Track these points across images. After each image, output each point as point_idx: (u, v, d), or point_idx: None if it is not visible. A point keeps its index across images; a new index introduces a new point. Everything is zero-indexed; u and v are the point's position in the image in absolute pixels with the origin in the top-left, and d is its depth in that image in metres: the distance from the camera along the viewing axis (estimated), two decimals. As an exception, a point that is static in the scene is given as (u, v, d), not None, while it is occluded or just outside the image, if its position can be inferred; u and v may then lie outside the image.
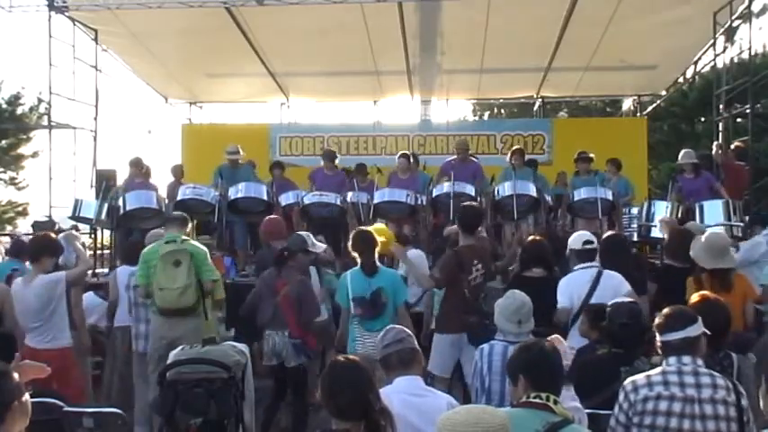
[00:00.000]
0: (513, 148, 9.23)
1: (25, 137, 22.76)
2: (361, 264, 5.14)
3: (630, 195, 9.22)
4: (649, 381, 3.00)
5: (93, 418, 3.67)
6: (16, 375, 2.11)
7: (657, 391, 2.96)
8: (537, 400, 2.64)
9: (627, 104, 17.04)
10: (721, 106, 11.22)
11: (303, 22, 10.77)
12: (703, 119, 19.56)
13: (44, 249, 5.27)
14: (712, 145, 10.21)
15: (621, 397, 3.04)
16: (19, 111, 22.64)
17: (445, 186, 8.17)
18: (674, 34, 11.23)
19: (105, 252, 9.89)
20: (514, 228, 8.17)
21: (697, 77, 15.52)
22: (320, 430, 2.92)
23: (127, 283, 5.98)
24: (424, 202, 8.42)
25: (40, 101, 21.72)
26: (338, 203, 8.30)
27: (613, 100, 20.00)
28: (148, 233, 6.61)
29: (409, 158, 9.11)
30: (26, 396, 2.10)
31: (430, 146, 13.80)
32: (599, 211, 8.10)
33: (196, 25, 10.95)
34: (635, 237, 8.18)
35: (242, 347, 4.65)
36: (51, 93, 11.19)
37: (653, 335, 3.16)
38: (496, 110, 24.89)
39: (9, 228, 20.86)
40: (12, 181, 23.21)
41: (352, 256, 5.34)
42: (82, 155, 11.66)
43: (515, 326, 3.89)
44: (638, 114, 15.33)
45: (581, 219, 8.52)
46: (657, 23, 10.83)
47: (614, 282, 4.74)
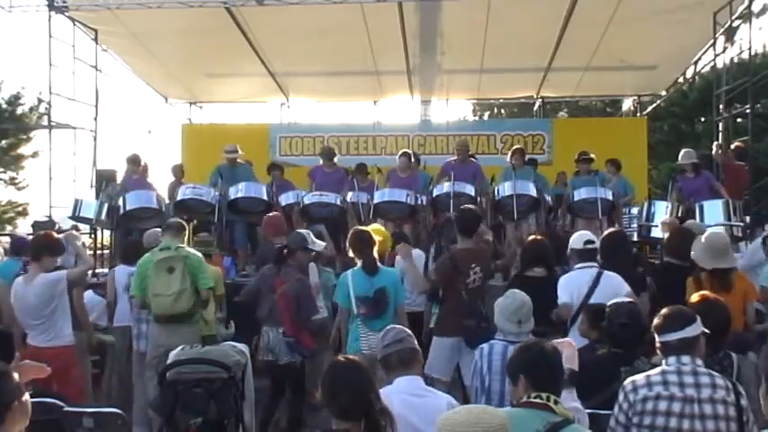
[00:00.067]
0: (514, 148, 9.22)
1: (25, 137, 22.76)
2: (362, 263, 5.15)
3: (630, 196, 9.21)
4: (649, 381, 3.00)
5: (93, 418, 3.67)
6: (16, 375, 2.11)
7: (657, 391, 2.95)
8: (537, 400, 2.64)
9: (627, 104, 17.05)
10: (721, 106, 11.21)
11: (303, 22, 10.76)
12: (703, 119, 19.57)
13: (45, 249, 5.28)
14: (712, 145, 10.21)
15: (621, 397, 3.04)
16: (19, 111, 22.63)
17: (445, 186, 8.17)
18: (674, 34, 11.23)
19: (105, 252, 9.89)
20: (514, 227, 8.17)
21: (697, 77, 15.51)
22: (320, 430, 2.92)
23: (126, 283, 5.98)
24: (424, 202, 8.42)
25: (40, 101, 21.74)
26: (338, 203, 8.30)
27: (613, 100, 20.01)
28: (146, 233, 6.62)
29: (410, 157, 9.10)
30: (26, 396, 2.11)
31: (430, 146, 13.79)
32: (599, 211, 8.11)
33: (196, 25, 10.95)
34: (635, 237, 8.18)
35: (242, 347, 4.66)
36: (51, 93, 11.17)
37: (653, 335, 3.16)
38: (496, 110, 24.89)
39: (9, 228, 20.86)
40: (12, 181, 23.21)
41: (350, 256, 5.35)
42: (82, 155, 11.67)
43: (515, 326, 3.89)
44: (638, 114, 15.33)
45: (581, 219, 8.54)
46: (657, 23, 10.83)
47: (614, 282, 4.74)
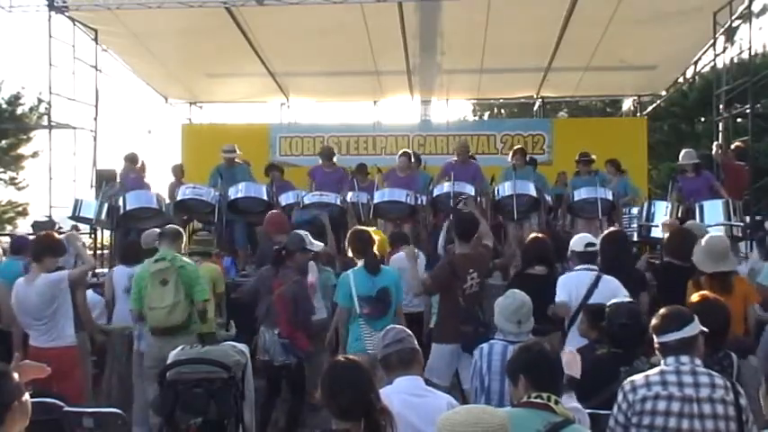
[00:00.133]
0: (515, 148, 9.20)
1: (25, 137, 22.77)
2: (364, 262, 5.13)
3: (630, 196, 9.21)
4: (648, 381, 3.00)
5: (93, 418, 3.67)
6: (16, 375, 2.11)
7: (656, 391, 2.95)
8: (538, 401, 2.64)
9: (627, 104, 17.05)
10: (721, 106, 11.20)
11: (303, 22, 10.75)
12: (703, 119, 19.58)
13: (47, 249, 5.26)
14: (712, 145, 10.20)
15: (620, 397, 3.04)
16: (19, 111, 22.64)
17: (445, 186, 8.17)
18: (674, 34, 11.22)
19: (105, 252, 9.89)
20: (516, 227, 8.17)
21: (697, 77, 15.51)
22: (320, 430, 2.92)
23: (126, 286, 5.94)
24: (424, 202, 8.42)
25: (40, 101, 21.76)
26: (338, 203, 8.29)
27: (613, 100, 20.01)
28: (144, 233, 6.61)
29: (410, 157, 9.09)
30: (26, 396, 2.11)
31: (430, 146, 13.80)
32: (599, 211, 8.11)
33: (196, 25, 10.95)
34: (635, 237, 8.18)
35: (242, 347, 4.65)
36: (51, 93, 11.17)
37: (652, 335, 3.16)
38: (496, 110, 24.90)
39: (9, 228, 20.87)
40: (12, 181, 23.22)
41: (350, 256, 5.34)
42: (82, 155, 11.66)
43: (515, 326, 3.89)
44: (638, 114, 15.32)
45: (581, 219, 8.54)
46: (657, 23, 10.82)
47: (612, 286, 4.73)
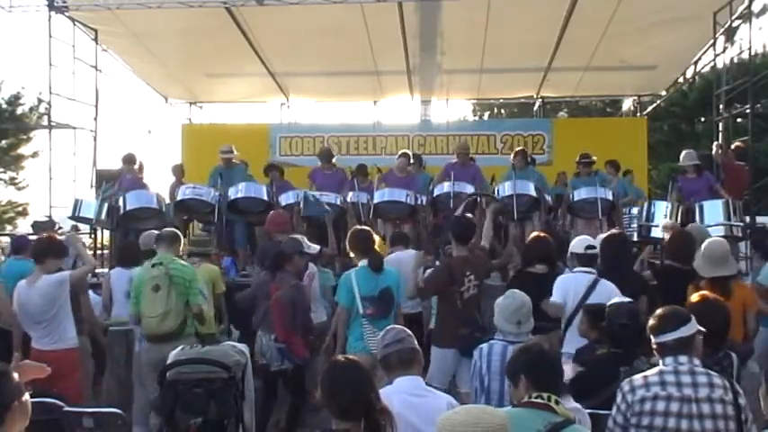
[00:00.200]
0: (516, 150, 9.18)
1: (25, 137, 22.78)
2: (368, 262, 5.13)
3: (631, 197, 9.21)
4: (646, 381, 2.99)
5: (93, 418, 3.67)
6: (16, 375, 2.11)
7: (654, 392, 2.95)
8: (538, 401, 2.64)
9: (627, 104, 17.05)
10: (721, 106, 11.20)
11: (303, 22, 10.75)
12: (703, 119, 19.61)
13: (49, 251, 5.23)
14: (712, 145, 10.20)
15: (619, 398, 3.04)
16: (19, 111, 22.67)
17: (445, 186, 8.17)
18: (674, 34, 11.22)
19: (105, 252, 9.88)
20: (516, 227, 8.16)
21: (697, 77, 15.52)
22: (320, 430, 2.92)
23: (126, 290, 5.89)
24: (424, 202, 8.42)
25: (40, 101, 21.79)
26: (338, 203, 8.29)
27: (613, 100, 20.02)
28: (142, 234, 6.60)
29: (409, 158, 9.08)
30: (26, 396, 2.10)
31: (430, 146, 13.78)
32: (599, 212, 8.11)
33: (196, 25, 10.95)
34: (635, 237, 8.17)
35: (242, 347, 4.65)
36: (51, 93, 11.18)
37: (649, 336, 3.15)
38: (496, 110, 24.91)
39: (9, 228, 20.87)
40: (12, 181, 23.24)
41: (350, 256, 5.34)
42: (82, 155, 11.68)
43: (515, 326, 3.88)
44: (638, 114, 15.32)
45: (581, 219, 8.53)
46: (657, 23, 10.81)
47: (609, 289, 4.72)
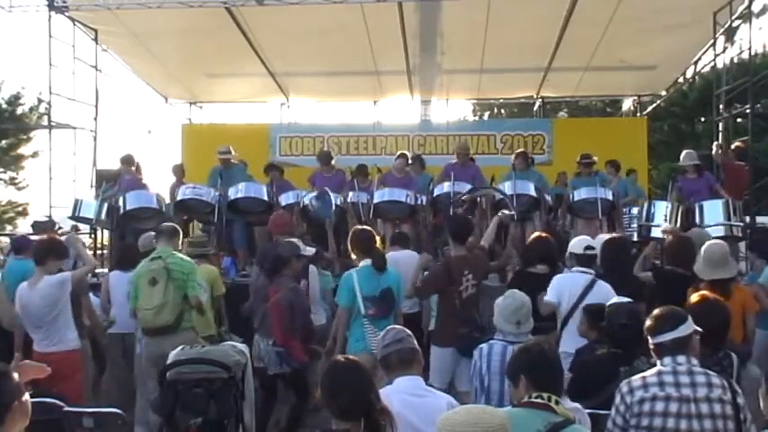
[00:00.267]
0: (517, 152, 9.19)
1: (25, 137, 22.79)
2: (372, 261, 5.11)
3: (631, 197, 9.21)
4: (645, 382, 2.99)
5: (93, 418, 3.67)
6: (16, 375, 2.11)
7: (653, 392, 2.95)
8: (538, 401, 2.64)
9: (627, 104, 17.05)
10: (721, 106, 11.21)
11: (303, 22, 10.76)
12: (703, 119, 19.62)
13: (50, 251, 5.21)
14: (712, 145, 10.20)
15: (618, 399, 3.04)
16: (19, 111, 22.68)
17: (445, 186, 8.17)
18: (674, 34, 11.22)
19: (105, 252, 9.89)
20: (516, 227, 8.16)
21: (697, 77, 15.52)
22: (320, 430, 2.92)
23: (126, 292, 5.91)
24: (424, 202, 8.42)
25: (40, 101, 21.81)
26: (338, 203, 8.29)
27: (613, 100, 20.02)
28: (141, 236, 6.59)
29: (407, 159, 9.09)
30: (26, 396, 2.10)
31: (430, 146, 13.79)
32: (599, 212, 8.11)
33: (196, 25, 10.95)
34: (635, 237, 8.18)
35: (242, 347, 4.65)
36: (51, 93, 11.18)
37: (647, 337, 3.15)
38: (496, 110, 24.92)
39: (9, 228, 20.88)
40: (12, 181, 23.25)
41: (351, 257, 5.33)
42: (82, 155, 11.68)
43: (514, 326, 3.88)
44: (638, 114, 15.33)
45: (581, 219, 8.52)
46: (657, 23, 10.82)
47: (605, 290, 4.73)
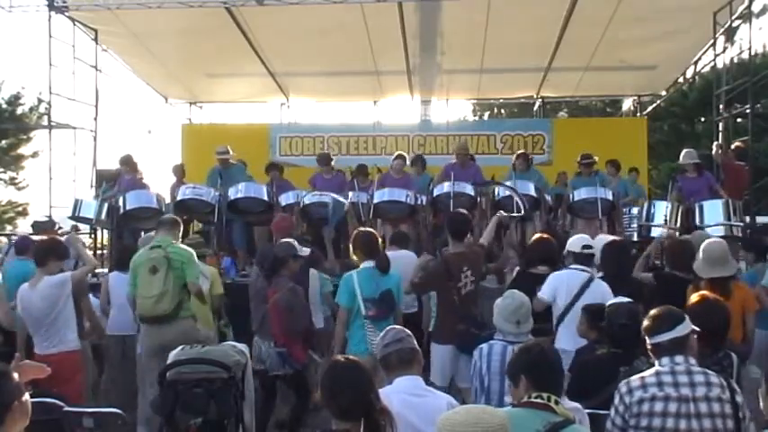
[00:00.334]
0: (518, 153, 9.19)
1: (25, 137, 22.77)
2: (376, 262, 5.10)
3: (632, 197, 9.21)
4: (644, 382, 2.99)
5: (93, 418, 3.66)
6: (16, 375, 2.11)
7: (652, 393, 2.95)
8: (538, 401, 2.64)
9: (627, 104, 17.06)
10: (721, 106, 11.22)
11: (303, 22, 10.76)
12: (703, 119, 19.61)
13: (51, 252, 5.20)
14: (712, 145, 10.21)
15: (617, 400, 3.04)
16: (19, 111, 22.66)
17: (445, 186, 8.17)
18: (674, 34, 11.23)
19: (105, 252, 9.89)
20: (516, 227, 8.16)
21: (697, 77, 15.53)
22: (320, 430, 2.92)
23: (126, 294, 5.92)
24: (424, 202, 8.42)
25: (40, 101, 21.78)
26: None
27: (613, 100, 20.02)
28: (141, 237, 6.59)
29: (405, 160, 9.08)
30: (26, 396, 2.10)
31: (430, 146, 13.80)
32: (599, 212, 8.11)
33: (196, 25, 10.95)
34: (635, 237, 8.18)
35: (242, 347, 4.64)
36: (51, 93, 11.20)
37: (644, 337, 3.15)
38: (496, 110, 24.92)
39: (9, 228, 20.87)
40: (12, 181, 23.23)
41: (352, 258, 5.32)
42: (82, 155, 11.71)
43: (514, 326, 3.89)
44: (638, 114, 15.34)
45: (581, 219, 8.52)
46: (657, 23, 10.83)
47: (602, 289, 4.73)
